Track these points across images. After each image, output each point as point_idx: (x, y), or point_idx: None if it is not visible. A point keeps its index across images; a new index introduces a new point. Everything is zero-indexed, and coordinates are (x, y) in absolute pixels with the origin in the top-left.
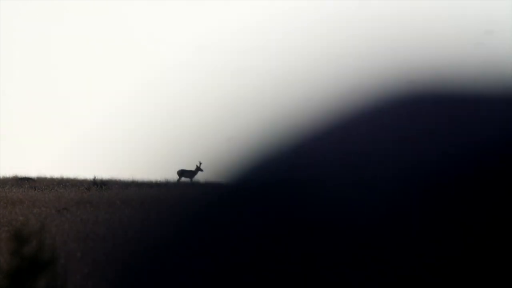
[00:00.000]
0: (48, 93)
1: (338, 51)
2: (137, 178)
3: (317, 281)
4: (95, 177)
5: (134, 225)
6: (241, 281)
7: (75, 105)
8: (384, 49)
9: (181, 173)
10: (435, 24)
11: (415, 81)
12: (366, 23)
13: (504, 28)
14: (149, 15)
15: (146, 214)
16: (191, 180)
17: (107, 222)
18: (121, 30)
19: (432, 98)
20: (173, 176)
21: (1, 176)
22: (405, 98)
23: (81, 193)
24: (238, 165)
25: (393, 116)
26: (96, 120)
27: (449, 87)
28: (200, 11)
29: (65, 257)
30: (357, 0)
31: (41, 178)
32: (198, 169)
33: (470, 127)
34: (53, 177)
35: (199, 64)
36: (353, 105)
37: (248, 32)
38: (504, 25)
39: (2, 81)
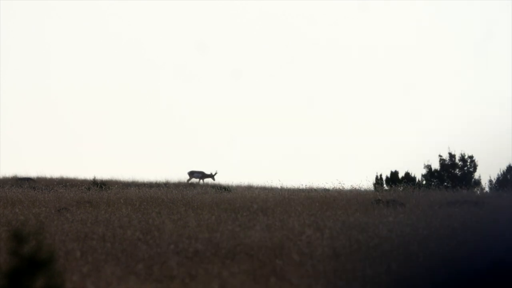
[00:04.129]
0: (48, 93)
1: None
2: (137, 178)
3: None
4: (95, 177)
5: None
6: None
7: (75, 105)
8: None
9: (191, 173)
10: None
11: None
12: None
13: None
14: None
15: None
16: (199, 180)
17: (107, 222)
18: (122, 32)
19: None
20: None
21: (1, 176)
22: None
23: (81, 193)
24: None
25: None
26: (96, 121)
27: None
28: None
29: (64, 257)
30: None
31: (41, 178)
32: (211, 175)
33: None
34: (53, 177)
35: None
36: None
37: None
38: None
39: (2, 82)
